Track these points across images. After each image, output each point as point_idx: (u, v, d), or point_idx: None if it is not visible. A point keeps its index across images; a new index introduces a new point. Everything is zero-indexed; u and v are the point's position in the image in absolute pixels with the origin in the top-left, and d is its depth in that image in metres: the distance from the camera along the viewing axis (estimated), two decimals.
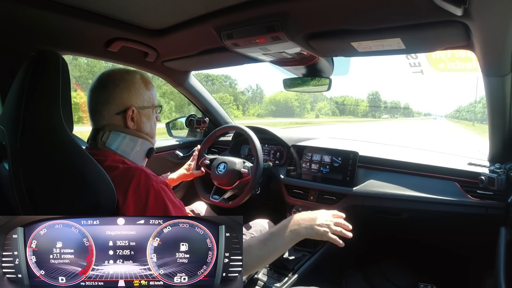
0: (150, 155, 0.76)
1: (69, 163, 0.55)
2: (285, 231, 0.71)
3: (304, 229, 0.71)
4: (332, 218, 0.74)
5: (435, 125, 36.18)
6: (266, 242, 0.69)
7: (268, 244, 0.68)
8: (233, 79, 48.33)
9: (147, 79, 0.75)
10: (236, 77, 56.13)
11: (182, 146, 1.65)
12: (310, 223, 0.72)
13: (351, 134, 13.59)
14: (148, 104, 0.73)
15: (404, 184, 1.09)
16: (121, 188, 0.59)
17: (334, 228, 0.72)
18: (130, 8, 0.80)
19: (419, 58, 1.36)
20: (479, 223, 1.01)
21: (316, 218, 0.73)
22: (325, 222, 0.72)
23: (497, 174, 0.90)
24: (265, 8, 0.73)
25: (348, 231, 0.73)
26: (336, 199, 1.19)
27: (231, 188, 1.24)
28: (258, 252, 0.67)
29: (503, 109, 0.88)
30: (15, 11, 0.74)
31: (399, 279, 1.31)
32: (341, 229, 0.72)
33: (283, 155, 1.41)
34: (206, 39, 0.95)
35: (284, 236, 0.70)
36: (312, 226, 0.71)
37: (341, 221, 0.74)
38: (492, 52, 0.73)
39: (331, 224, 0.72)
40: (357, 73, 37.21)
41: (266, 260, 0.69)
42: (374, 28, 0.75)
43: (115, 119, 0.69)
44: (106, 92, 0.68)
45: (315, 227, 0.71)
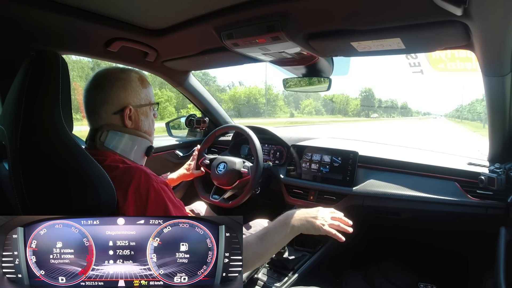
0: (149, 153, 0.75)
1: (69, 163, 0.55)
2: (281, 226, 0.71)
3: (299, 222, 0.71)
4: (330, 214, 0.74)
5: (434, 124, 35.98)
6: (263, 238, 0.69)
7: (265, 239, 0.68)
8: (211, 76, 43.59)
9: (143, 77, 0.74)
10: (216, 74, 50.99)
11: (182, 146, 1.65)
12: (306, 216, 0.72)
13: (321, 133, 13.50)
14: (145, 102, 0.73)
15: (404, 184, 1.09)
16: (121, 188, 0.59)
17: (331, 221, 0.71)
18: (130, 8, 0.80)
19: (419, 58, 1.36)
20: (479, 223, 1.01)
21: (312, 212, 0.73)
22: (321, 216, 0.72)
23: (497, 174, 0.90)
24: (265, 8, 0.73)
25: (348, 226, 0.72)
26: (336, 199, 1.19)
27: (231, 188, 1.24)
28: (256, 248, 0.67)
29: (503, 109, 0.88)
30: (16, 11, 0.74)
31: (399, 279, 1.31)
32: (339, 223, 0.71)
33: (283, 155, 1.41)
34: (206, 39, 0.95)
35: (280, 230, 0.70)
36: (308, 219, 0.71)
37: (340, 216, 0.74)
38: (492, 52, 0.73)
39: (327, 217, 0.72)
40: (352, 71, 31.88)
41: (265, 256, 0.70)
42: (374, 28, 0.75)
43: (112, 119, 0.69)
44: (102, 92, 0.68)
45: (310, 219, 0.71)
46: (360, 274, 1.35)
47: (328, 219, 0.72)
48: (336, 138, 1.53)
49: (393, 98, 72.56)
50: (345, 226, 0.72)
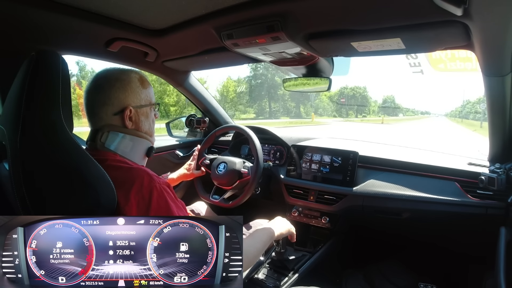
0: (150, 154, 0.75)
1: (69, 163, 0.55)
2: (263, 230, 0.88)
3: (276, 226, 0.93)
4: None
5: (434, 123, 35.51)
6: (250, 237, 0.82)
7: (253, 238, 0.82)
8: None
9: (143, 77, 0.74)
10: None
11: (182, 146, 1.65)
12: (280, 221, 0.97)
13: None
14: (145, 102, 0.73)
15: (404, 184, 1.09)
16: (123, 189, 0.59)
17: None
18: (130, 8, 0.80)
19: (419, 58, 1.37)
20: (479, 223, 1.01)
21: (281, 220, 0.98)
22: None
23: (497, 174, 0.90)
24: (265, 8, 0.73)
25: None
26: (336, 199, 1.19)
27: (231, 188, 1.24)
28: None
29: (503, 109, 0.88)
30: (16, 11, 0.74)
31: (399, 279, 1.31)
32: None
33: (283, 155, 1.41)
34: (206, 39, 0.95)
35: (263, 232, 0.87)
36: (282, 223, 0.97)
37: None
38: (492, 52, 0.73)
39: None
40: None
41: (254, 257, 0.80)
42: (374, 28, 0.75)
43: (113, 120, 0.69)
44: (102, 93, 0.68)
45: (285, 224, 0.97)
46: (360, 274, 1.35)
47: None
48: (336, 138, 1.52)
49: (390, 96, 68.33)
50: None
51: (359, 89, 54.33)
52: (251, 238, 0.82)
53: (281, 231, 0.92)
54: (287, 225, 0.97)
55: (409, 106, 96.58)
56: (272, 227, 0.90)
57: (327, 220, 1.21)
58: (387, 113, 61.53)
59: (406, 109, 78.55)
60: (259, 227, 1.00)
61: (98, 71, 0.72)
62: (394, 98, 69.30)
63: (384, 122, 30.14)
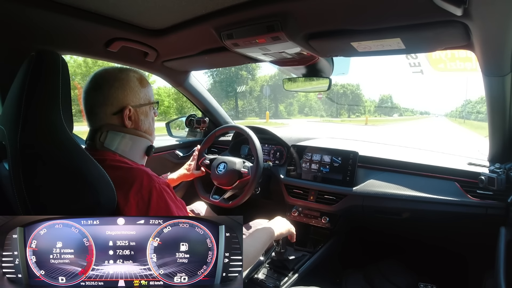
0: (149, 153, 0.75)
1: (69, 162, 0.55)
2: (263, 230, 0.88)
3: (276, 226, 0.94)
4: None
5: (434, 123, 35.16)
6: (250, 237, 0.82)
7: (253, 238, 0.83)
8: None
9: (142, 76, 0.74)
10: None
11: (182, 146, 1.65)
12: (280, 221, 0.98)
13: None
14: (144, 101, 0.73)
15: (404, 184, 1.09)
16: (123, 189, 0.59)
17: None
18: (130, 8, 0.80)
19: (419, 58, 1.37)
20: (479, 223, 1.01)
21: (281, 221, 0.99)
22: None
23: (497, 174, 0.90)
24: (265, 8, 0.73)
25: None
26: (336, 199, 1.19)
27: (231, 188, 1.24)
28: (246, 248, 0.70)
29: (503, 109, 0.88)
30: (16, 11, 0.74)
31: (399, 279, 1.31)
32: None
33: (283, 155, 1.41)
34: (206, 39, 0.95)
35: (263, 232, 0.87)
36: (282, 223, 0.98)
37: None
38: (492, 52, 0.73)
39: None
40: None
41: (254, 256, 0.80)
42: (374, 28, 0.75)
43: (112, 119, 0.68)
44: (101, 93, 0.68)
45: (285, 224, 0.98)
46: (360, 274, 1.35)
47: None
48: (336, 138, 1.52)
49: (387, 95, 65.83)
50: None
51: (351, 87, 49.82)
52: (251, 238, 0.82)
53: (281, 231, 0.92)
54: (287, 225, 0.97)
55: (408, 106, 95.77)
56: (272, 227, 0.90)
57: (327, 220, 1.22)
58: (383, 113, 59.58)
59: (405, 109, 77.28)
60: (259, 227, 1.00)
61: (97, 70, 0.72)
62: (392, 98, 67.09)
63: (369, 123, 27.78)
